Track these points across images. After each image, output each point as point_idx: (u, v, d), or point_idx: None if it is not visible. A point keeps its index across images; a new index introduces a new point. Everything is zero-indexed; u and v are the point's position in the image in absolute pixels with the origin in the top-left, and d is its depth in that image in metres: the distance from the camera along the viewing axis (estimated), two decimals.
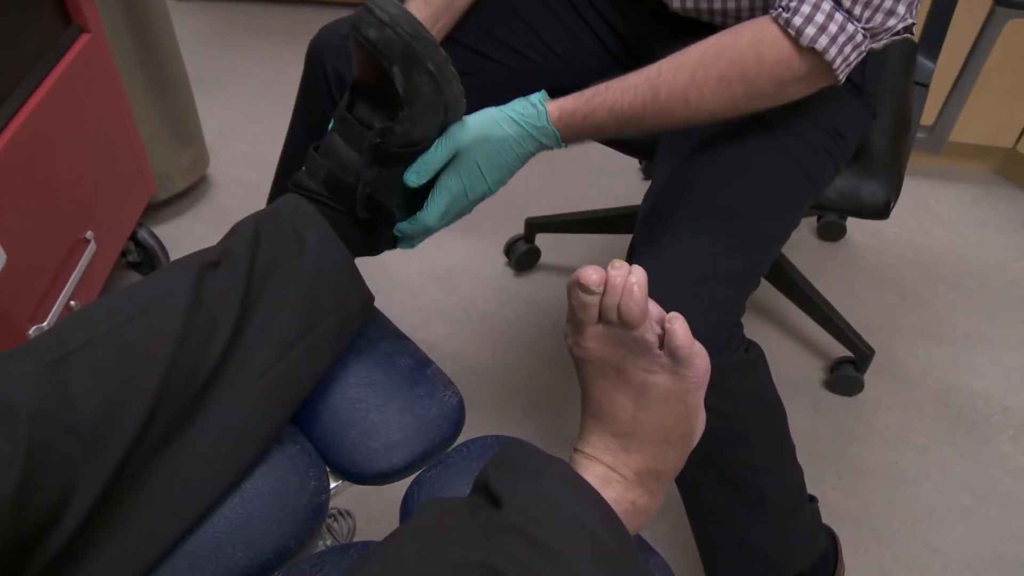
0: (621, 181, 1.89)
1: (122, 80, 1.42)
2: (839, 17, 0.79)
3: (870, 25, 0.81)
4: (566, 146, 0.86)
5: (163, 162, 1.65)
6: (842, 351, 1.48)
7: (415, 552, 0.56)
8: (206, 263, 0.73)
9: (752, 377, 0.90)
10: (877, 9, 0.80)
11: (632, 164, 1.93)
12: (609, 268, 0.60)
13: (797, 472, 1.00)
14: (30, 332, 1.16)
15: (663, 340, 0.60)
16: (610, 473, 0.62)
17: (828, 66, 0.82)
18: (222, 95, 2.08)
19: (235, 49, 2.25)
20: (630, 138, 1.15)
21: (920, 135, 1.26)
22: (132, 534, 0.64)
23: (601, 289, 0.60)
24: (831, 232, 1.76)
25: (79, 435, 0.62)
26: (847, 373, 1.44)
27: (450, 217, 0.85)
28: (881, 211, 1.07)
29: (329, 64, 1.06)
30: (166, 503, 0.66)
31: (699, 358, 0.60)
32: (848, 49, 0.81)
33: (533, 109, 0.83)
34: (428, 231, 0.85)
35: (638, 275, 0.59)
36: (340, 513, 1.20)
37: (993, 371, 1.51)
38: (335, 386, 0.80)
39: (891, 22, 0.81)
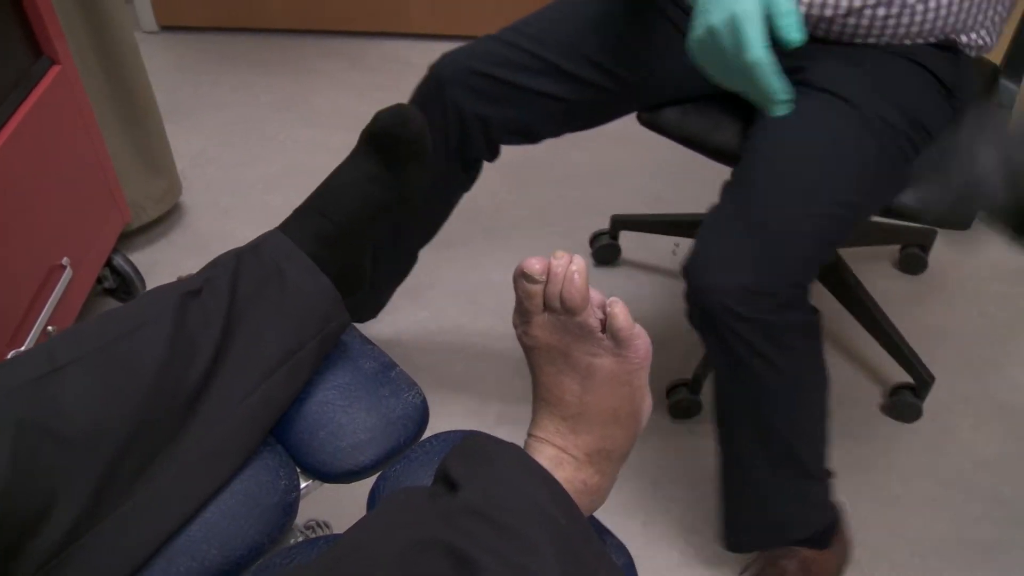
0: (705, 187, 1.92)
1: (94, 111, 1.46)
2: None
3: None
4: None
5: (136, 191, 1.68)
6: (902, 376, 1.48)
7: (378, 534, 0.59)
8: (188, 291, 0.77)
9: (810, 340, 0.98)
10: None
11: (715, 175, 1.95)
12: (551, 258, 0.64)
13: (825, 443, 1.08)
14: (9, 356, 1.18)
15: (605, 324, 0.64)
16: (561, 454, 0.65)
17: None
18: (195, 123, 2.11)
19: (207, 79, 2.29)
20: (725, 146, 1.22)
21: None
22: (115, 544, 0.67)
23: (544, 278, 0.64)
24: (912, 264, 1.74)
25: (66, 446, 0.65)
26: (906, 399, 1.45)
27: None
28: (963, 222, 1.07)
29: (450, 97, 1.16)
30: (150, 515, 0.69)
31: (639, 339, 0.64)
32: None
33: None
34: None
35: (578, 263, 0.63)
36: (318, 524, 1.23)
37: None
38: (304, 390, 0.83)
39: None
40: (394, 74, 2.30)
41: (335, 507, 0.89)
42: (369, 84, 2.27)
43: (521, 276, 0.64)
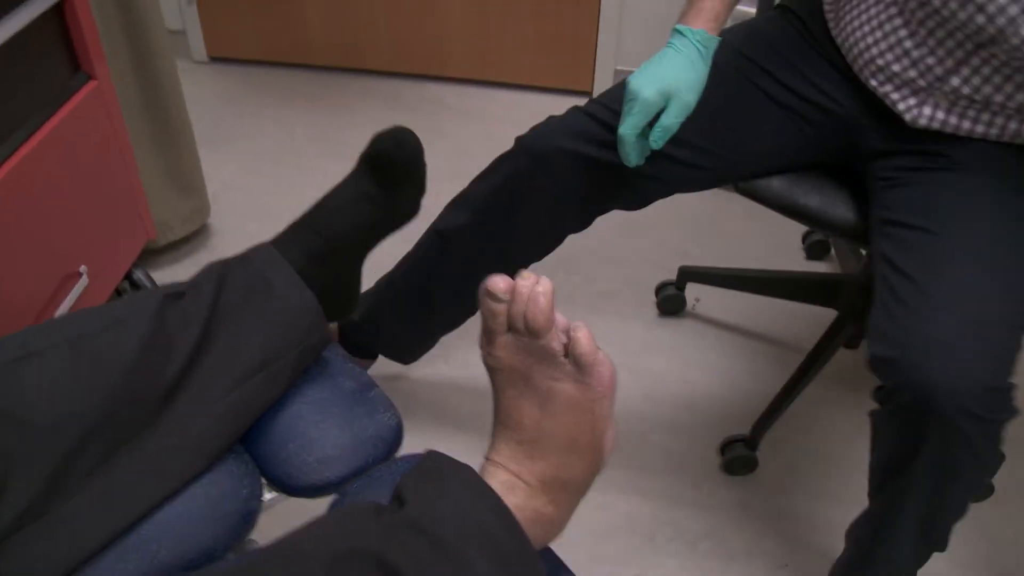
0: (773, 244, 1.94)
1: (128, 129, 1.50)
2: None
3: None
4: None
5: (163, 210, 1.73)
6: None
7: (312, 540, 0.59)
8: (171, 293, 0.80)
9: (1003, 442, 0.95)
10: None
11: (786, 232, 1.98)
12: (517, 278, 0.64)
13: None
14: None
15: (568, 349, 0.63)
16: (514, 480, 0.64)
17: None
18: (231, 150, 2.17)
19: (249, 109, 2.35)
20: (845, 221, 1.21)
21: None
22: (66, 533, 0.68)
23: (508, 297, 0.64)
24: None
25: (26, 432, 0.66)
26: None
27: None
28: None
29: (543, 175, 1.18)
30: (101, 508, 0.70)
31: (602, 367, 0.63)
32: None
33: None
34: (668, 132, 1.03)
35: (544, 285, 0.63)
36: None
37: None
38: (279, 402, 0.84)
39: None
40: (429, 115, 2.34)
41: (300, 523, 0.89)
42: (403, 123, 2.31)
43: (485, 295, 0.65)
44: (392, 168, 0.86)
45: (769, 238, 1.94)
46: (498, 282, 0.64)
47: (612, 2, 2.22)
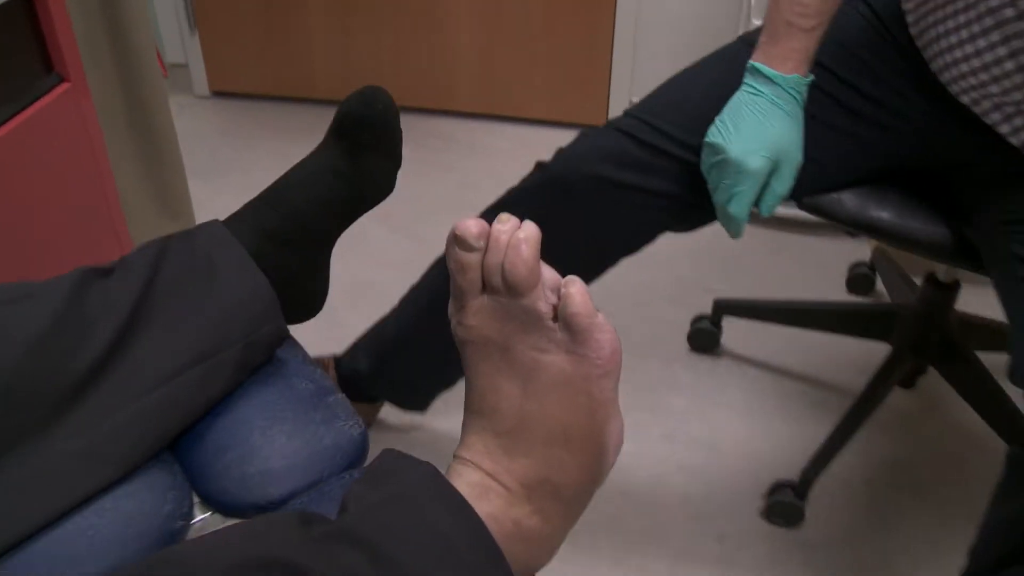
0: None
1: (110, 144, 1.41)
2: None
3: None
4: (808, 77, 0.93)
5: (146, 231, 1.62)
6: None
7: (212, 547, 0.45)
8: (95, 269, 0.67)
9: None
10: None
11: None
12: (495, 222, 0.51)
13: None
14: None
15: (558, 311, 0.50)
16: (488, 481, 0.50)
17: None
18: (226, 182, 2.08)
19: (247, 143, 2.27)
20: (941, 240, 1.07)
21: None
22: None
23: (482, 244, 0.51)
24: None
25: None
26: None
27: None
28: None
29: (577, 204, 1.04)
30: None
31: (602, 333, 0.49)
32: None
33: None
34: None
35: (528, 230, 0.50)
36: None
37: None
38: (220, 404, 0.70)
39: None
40: (437, 150, 2.25)
41: None
42: (410, 157, 2.20)
43: (453, 242, 0.51)
44: (360, 130, 0.74)
45: (797, 271, 1.80)
46: (469, 225, 0.50)
47: (625, 33, 2.13)
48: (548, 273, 0.51)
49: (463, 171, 2.14)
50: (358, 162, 0.75)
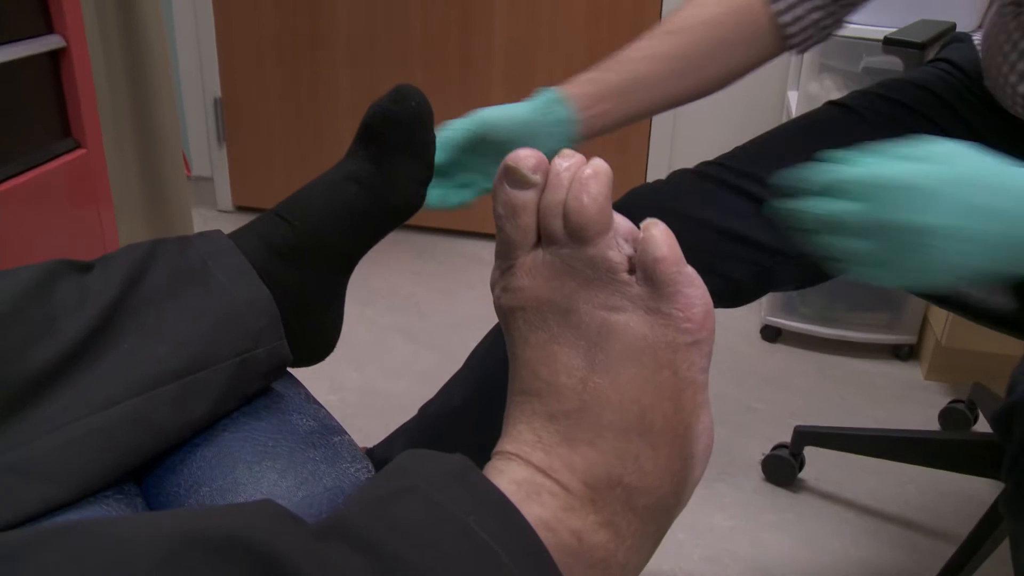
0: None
1: (121, 213, 1.35)
2: None
3: None
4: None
5: None
6: None
7: (159, 520, 0.32)
8: (72, 262, 0.57)
9: None
10: None
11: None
12: (556, 157, 0.41)
13: None
14: None
15: (633, 263, 0.39)
16: (540, 478, 0.37)
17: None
18: None
19: None
20: None
21: None
22: None
23: (539, 179, 0.40)
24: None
25: None
26: None
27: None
28: None
29: None
30: None
31: (692, 287, 0.38)
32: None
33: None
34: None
35: (597, 164, 0.39)
36: None
37: None
38: (202, 434, 0.58)
39: None
40: (459, 267, 2.18)
41: None
42: (431, 273, 2.15)
43: (503, 177, 0.41)
44: (389, 129, 0.65)
45: (841, 392, 1.66)
46: (525, 156, 0.40)
47: (662, 144, 2.11)
48: (620, 219, 0.40)
49: (487, 288, 2.06)
50: (385, 167, 0.66)
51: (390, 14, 2.12)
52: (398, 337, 1.82)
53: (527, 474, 0.37)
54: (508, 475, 0.37)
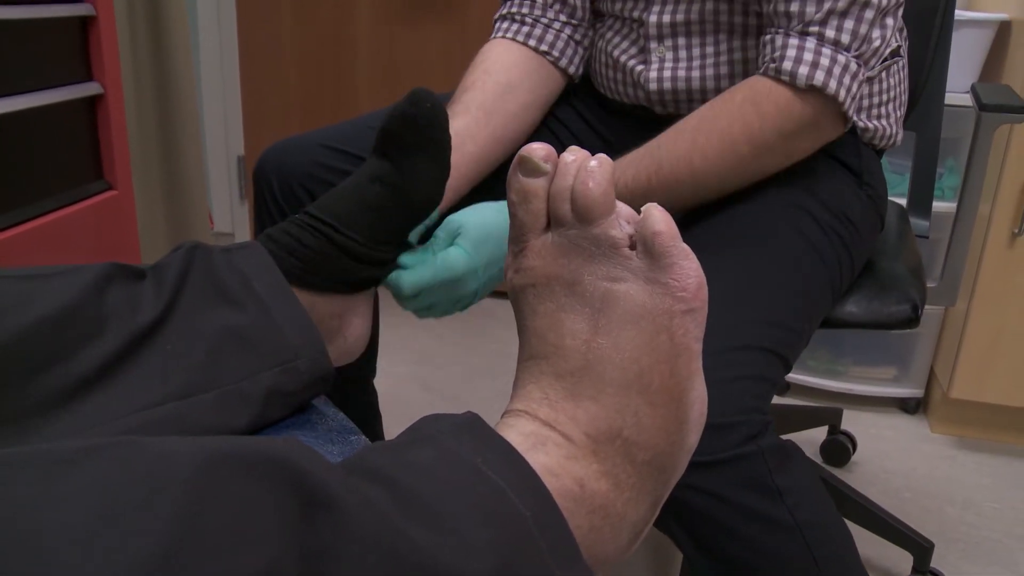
0: None
1: (147, 252, 1.40)
2: (826, 51, 0.77)
3: (859, 52, 0.78)
4: None
5: None
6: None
7: (189, 440, 0.35)
8: (127, 267, 0.61)
9: (798, 473, 0.66)
10: (856, 35, 0.78)
11: None
12: (564, 152, 0.45)
13: None
14: None
15: (634, 241, 0.43)
16: (545, 430, 0.40)
17: (833, 101, 0.78)
18: None
19: None
20: None
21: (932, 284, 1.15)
22: None
23: (549, 168, 0.44)
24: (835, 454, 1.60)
25: None
26: None
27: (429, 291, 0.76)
28: (909, 319, 0.96)
29: (273, 174, 0.99)
30: None
31: (687, 260, 0.42)
32: (847, 79, 0.77)
33: None
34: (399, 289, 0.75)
35: (600, 157, 0.44)
36: None
37: None
38: None
39: (875, 44, 0.79)
40: (475, 323, 2.21)
41: None
42: (448, 328, 2.18)
43: (518, 167, 0.45)
44: (405, 130, 0.69)
45: None
46: (536, 148, 0.45)
47: None
48: (622, 204, 0.44)
49: (502, 341, 2.10)
50: (405, 166, 0.70)
51: (409, 77, 2.20)
52: (414, 386, 1.85)
53: (534, 427, 0.40)
54: (516, 428, 0.40)
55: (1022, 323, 1.57)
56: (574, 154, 0.45)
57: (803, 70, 0.76)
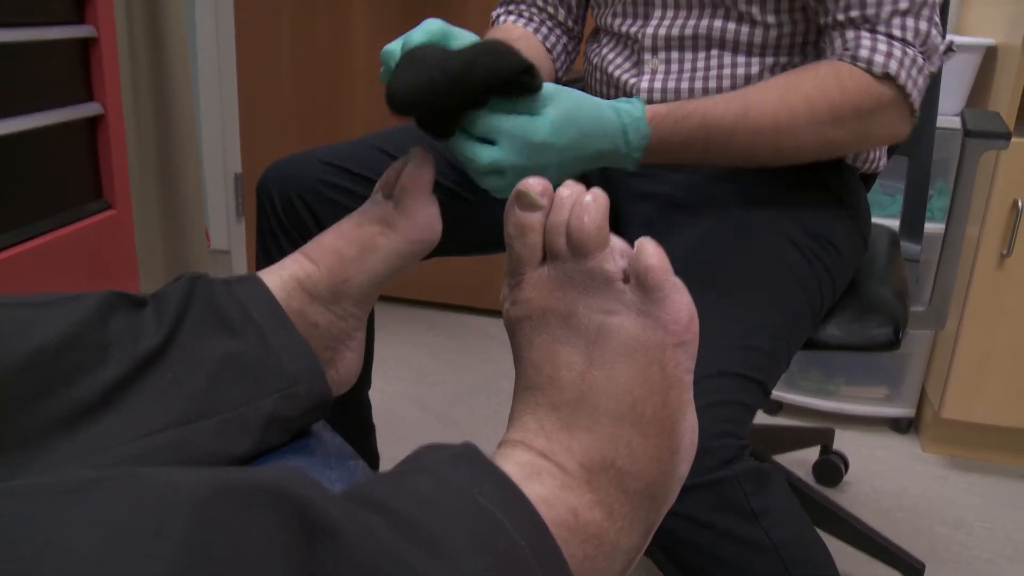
0: None
1: (144, 269, 1.41)
2: (896, 44, 0.81)
3: (923, 48, 0.82)
4: (638, 161, 0.80)
5: None
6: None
7: (194, 472, 0.36)
8: (128, 296, 0.62)
9: (775, 495, 0.67)
10: (919, 32, 0.82)
11: None
12: (560, 187, 0.47)
13: None
14: None
15: (628, 275, 0.44)
16: (540, 461, 0.41)
17: (902, 91, 0.81)
18: None
19: None
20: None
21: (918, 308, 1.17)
22: None
23: (546, 202, 0.46)
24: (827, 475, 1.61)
25: None
26: None
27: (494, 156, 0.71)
28: (890, 342, 0.97)
29: (275, 190, 1.00)
30: None
31: (678, 294, 0.43)
32: (915, 73, 0.82)
33: (628, 104, 0.78)
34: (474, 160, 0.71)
35: (595, 192, 0.45)
36: None
37: None
38: None
39: (936, 41, 0.83)
40: (471, 342, 2.22)
41: None
42: (444, 347, 2.19)
43: (515, 202, 0.46)
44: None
45: None
46: (534, 183, 0.46)
47: None
48: (616, 238, 0.45)
49: (498, 361, 2.11)
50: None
51: None
52: (410, 406, 1.85)
53: (530, 457, 0.41)
54: (513, 459, 0.42)
55: (1011, 343, 1.58)
56: (570, 188, 0.46)
57: (879, 59, 0.80)
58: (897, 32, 0.81)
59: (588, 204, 0.44)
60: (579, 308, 0.44)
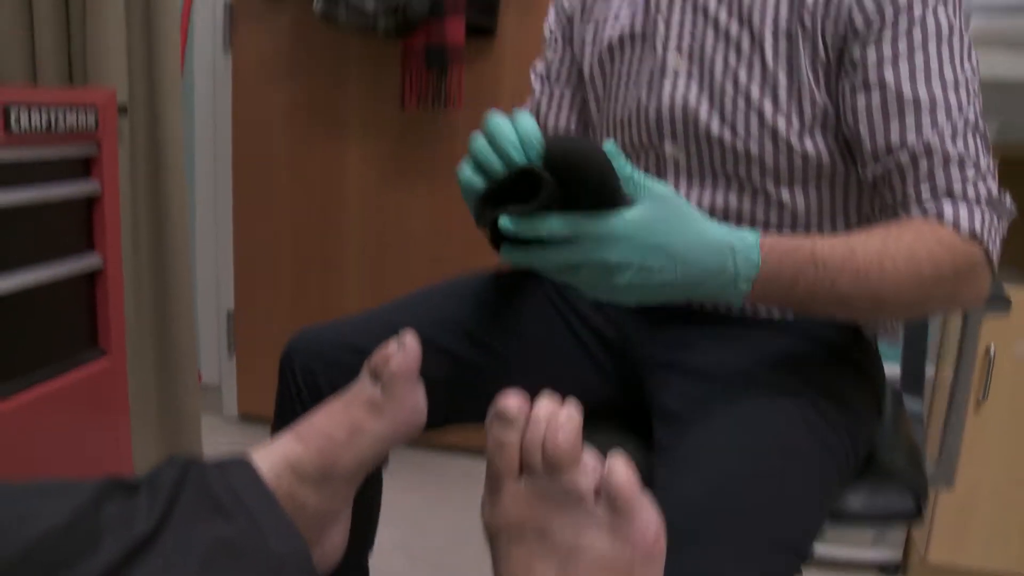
0: None
1: (136, 413, 1.43)
2: (975, 206, 0.81)
3: (998, 213, 0.83)
4: (750, 291, 0.74)
5: None
6: None
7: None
8: (121, 483, 0.64)
9: None
10: (991, 196, 0.83)
11: None
12: (537, 400, 0.51)
13: None
14: None
15: (600, 491, 0.48)
16: None
17: (986, 253, 0.81)
18: None
19: None
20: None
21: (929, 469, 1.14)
22: None
23: (523, 419, 0.50)
24: None
25: None
26: None
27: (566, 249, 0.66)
28: (913, 513, 0.94)
29: (298, 365, 1.01)
30: None
31: (647, 512, 0.46)
32: (993, 233, 0.82)
33: (739, 231, 0.74)
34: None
35: (570, 408, 0.49)
36: None
37: None
38: None
39: (1008, 205, 0.84)
40: (460, 486, 2.19)
41: None
42: (430, 492, 2.17)
43: (495, 419, 0.50)
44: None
45: None
46: (511, 401, 0.50)
47: None
48: (589, 456, 0.49)
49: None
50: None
51: (398, 238, 2.29)
52: (398, 555, 1.82)
53: None
54: None
55: (994, 486, 1.59)
56: (545, 407, 0.50)
57: (964, 221, 0.80)
58: (971, 193, 0.82)
59: (563, 423, 0.48)
60: (553, 524, 0.47)
